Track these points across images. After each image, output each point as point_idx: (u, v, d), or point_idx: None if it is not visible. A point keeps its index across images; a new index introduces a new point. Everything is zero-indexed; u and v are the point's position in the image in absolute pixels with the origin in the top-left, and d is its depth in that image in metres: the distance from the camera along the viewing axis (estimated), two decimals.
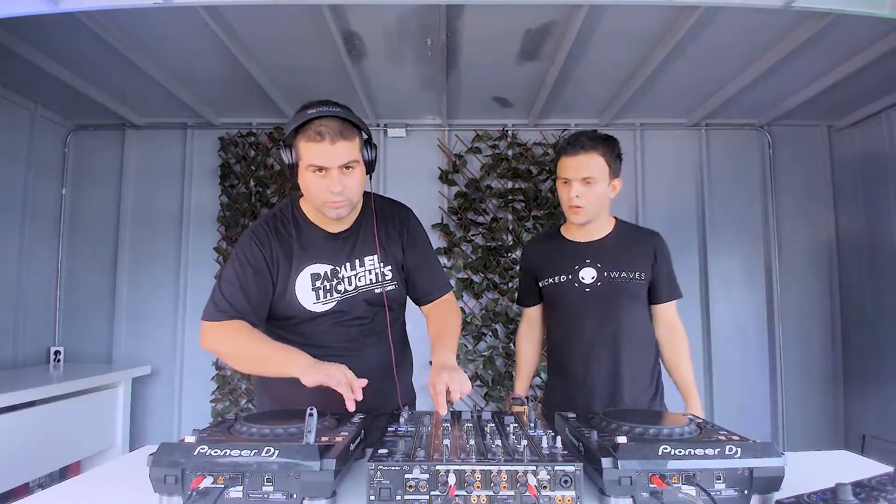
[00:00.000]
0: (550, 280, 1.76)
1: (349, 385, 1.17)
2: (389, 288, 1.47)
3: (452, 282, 3.16)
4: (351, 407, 1.16)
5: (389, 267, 1.48)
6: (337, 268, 1.43)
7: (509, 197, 3.47)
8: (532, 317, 1.90)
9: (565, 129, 3.53)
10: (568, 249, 1.77)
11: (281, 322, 1.42)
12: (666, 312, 1.78)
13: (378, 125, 3.58)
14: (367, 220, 1.47)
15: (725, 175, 3.58)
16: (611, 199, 1.74)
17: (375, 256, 1.46)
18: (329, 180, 1.30)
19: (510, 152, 3.53)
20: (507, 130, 3.54)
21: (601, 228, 1.76)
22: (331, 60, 2.66)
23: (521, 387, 1.89)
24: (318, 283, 1.40)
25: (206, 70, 2.86)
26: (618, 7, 2.21)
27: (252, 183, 3.48)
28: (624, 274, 1.69)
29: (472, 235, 3.49)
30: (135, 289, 3.52)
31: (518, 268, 1.89)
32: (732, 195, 3.58)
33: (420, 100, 3.24)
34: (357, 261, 1.45)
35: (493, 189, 3.50)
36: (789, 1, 1.75)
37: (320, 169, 1.30)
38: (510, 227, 3.47)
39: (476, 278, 3.45)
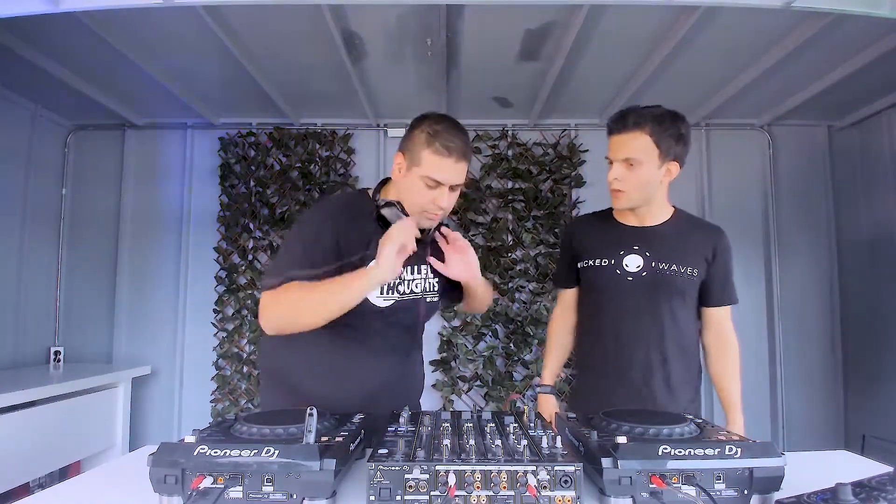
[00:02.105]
0: (590, 262, 1.61)
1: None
2: (435, 299, 1.53)
3: None
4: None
5: (437, 279, 1.52)
6: (401, 268, 1.44)
7: (509, 197, 3.47)
8: (568, 300, 1.75)
9: (565, 130, 3.53)
10: (615, 232, 1.61)
11: None
12: (717, 317, 1.63)
13: (378, 125, 3.59)
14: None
15: (725, 175, 3.58)
16: (665, 185, 1.56)
17: (427, 267, 1.50)
18: (438, 194, 1.33)
19: (510, 152, 3.53)
20: (507, 130, 3.54)
21: (656, 215, 1.59)
22: (331, 60, 2.66)
23: (550, 374, 1.74)
24: None
25: (206, 70, 2.87)
26: (618, 7, 2.21)
27: (252, 183, 3.48)
28: (674, 266, 1.53)
29: (472, 235, 3.49)
30: (135, 289, 3.52)
31: (559, 245, 1.79)
32: (732, 195, 3.58)
33: (420, 100, 3.23)
34: (415, 267, 1.47)
35: (493, 189, 3.50)
36: (789, 1, 1.75)
37: (436, 183, 1.32)
38: (510, 227, 3.47)
39: None
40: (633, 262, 1.55)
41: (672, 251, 1.55)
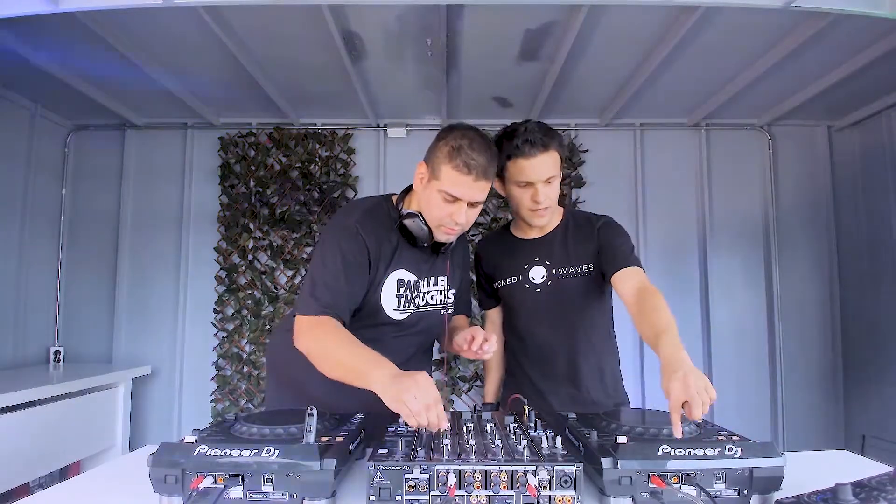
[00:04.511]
0: (503, 282, 1.67)
1: (425, 417, 1.03)
2: (450, 311, 1.52)
3: None
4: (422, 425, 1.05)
5: (452, 290, 1.52)
6: (419, 280, 1.43)
7: None
8: (495, 318, 1.79)
9: (565, 130, 3.53)
10: (518, 249, 1.67)
11: (352, 319, 1.37)
12: (628, 278, 1.45)
13: (378, 125, 3.59)
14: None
15: (725, 175, 3.58)
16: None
17: (445, 278, 1.49)
18: (455, 209, 1.32)
19: None
20: None
21: (553, 222, 1.65)
22: (331, 60, 2.66)
23: (491, 393, 1.80)
24: (401, 290, 1.39)
25: (206, 70, 2.86)
26: (618, 7, 2.22)
27: (252, 183, 3.48)
28: (571, 269, 1.58)
29: (473, 235, 3.49)
30: (135, 289, 3.52)
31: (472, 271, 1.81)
32: (732, 195, 3.58)
33: (420, 100, 3.24)
34: (432, 279, 1.46)
35: (493, 189, 3.49)
36: (789, 1, 1.75)
37: (454, 198, 1.30)
38: None
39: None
40: (537, 274, 1.62)
41: (566, 255, 1.60)
